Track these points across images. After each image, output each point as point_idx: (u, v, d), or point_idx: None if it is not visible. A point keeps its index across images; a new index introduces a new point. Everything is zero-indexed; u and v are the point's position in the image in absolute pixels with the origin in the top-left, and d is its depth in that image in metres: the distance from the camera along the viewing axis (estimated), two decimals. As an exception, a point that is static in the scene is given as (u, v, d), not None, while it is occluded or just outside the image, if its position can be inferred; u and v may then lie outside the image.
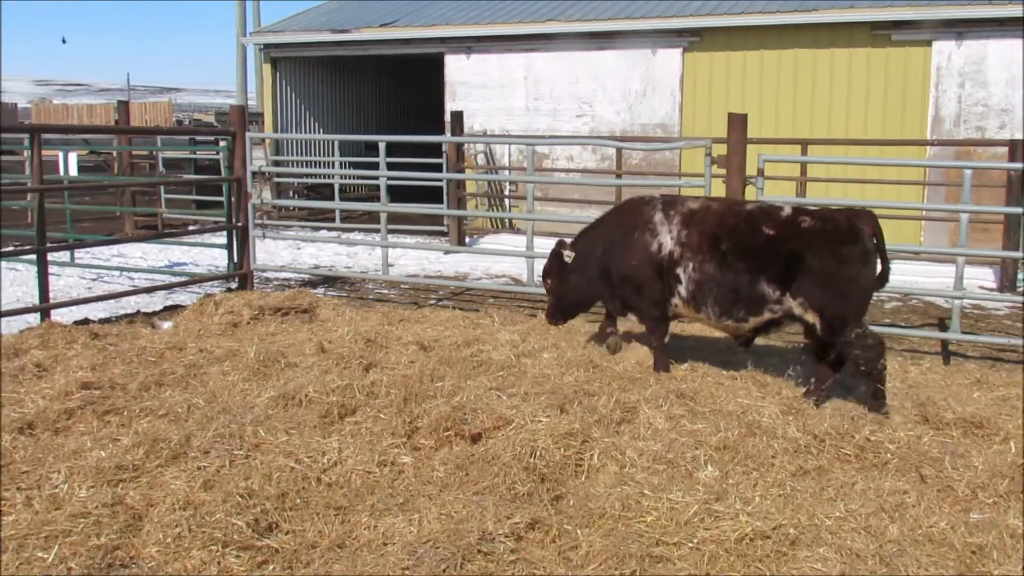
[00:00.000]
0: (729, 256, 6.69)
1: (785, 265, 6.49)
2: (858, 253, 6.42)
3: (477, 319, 9.16)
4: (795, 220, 6.59)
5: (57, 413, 5.93)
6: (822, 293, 6.43)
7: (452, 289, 12.14)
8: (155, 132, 19.43)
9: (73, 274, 12.87)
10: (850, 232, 6.45)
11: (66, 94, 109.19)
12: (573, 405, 6.04)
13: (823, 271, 6.41)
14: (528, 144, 10.60)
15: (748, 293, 6.64)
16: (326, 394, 6.15)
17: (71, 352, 7.66)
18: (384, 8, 21.63)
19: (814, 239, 6.46)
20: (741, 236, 6.69)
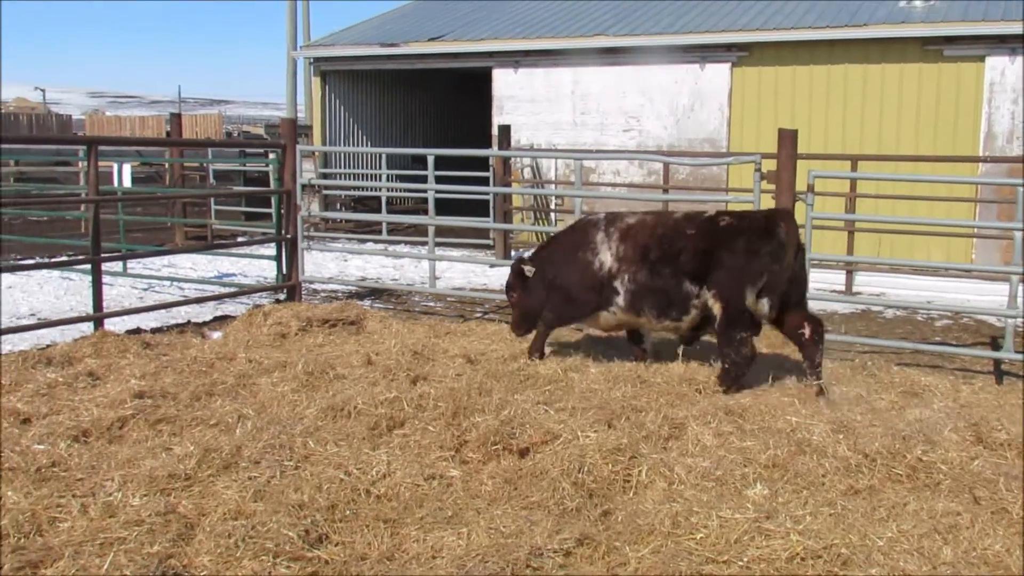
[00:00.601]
0: (658, 263, 7.19)
1: (701, 262, 6.96)
2: (771, 249, 6.83)
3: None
4: (715, 220, 7.10)
5: (111, 421, 6.01)
6: (729, 283, 6.86)
7: (498, 302, 12.13)
8: (206, 144, 19.72)
9: (125, 284, 13.07)
10: (766, 228, 6.88)
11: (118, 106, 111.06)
12: (621, 420, 6.03)
13: (733, 265, 6.84)
14: (576, 158, 10.58)
15: (676, 294, 7.13)
16: (374, 406, 6.18)
17: (124, 361, 7.78)
18: (433, 22, 21.80)
19: (729, 236, 6.91)
20: (668, 242, 7.19)
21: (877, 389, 7.17)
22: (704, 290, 7.00)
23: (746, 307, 6.86)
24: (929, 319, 11.51)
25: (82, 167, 20.01)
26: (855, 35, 16.23)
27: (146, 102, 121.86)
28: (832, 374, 7.57)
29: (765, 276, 6.86)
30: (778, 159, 8.86)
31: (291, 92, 26.06)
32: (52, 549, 4.23)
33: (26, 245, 16.26)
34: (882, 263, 13.61)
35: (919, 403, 6.85)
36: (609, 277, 7.44)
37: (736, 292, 6.87)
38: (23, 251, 16.09)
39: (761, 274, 6.85)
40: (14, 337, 9.15)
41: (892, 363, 8.07)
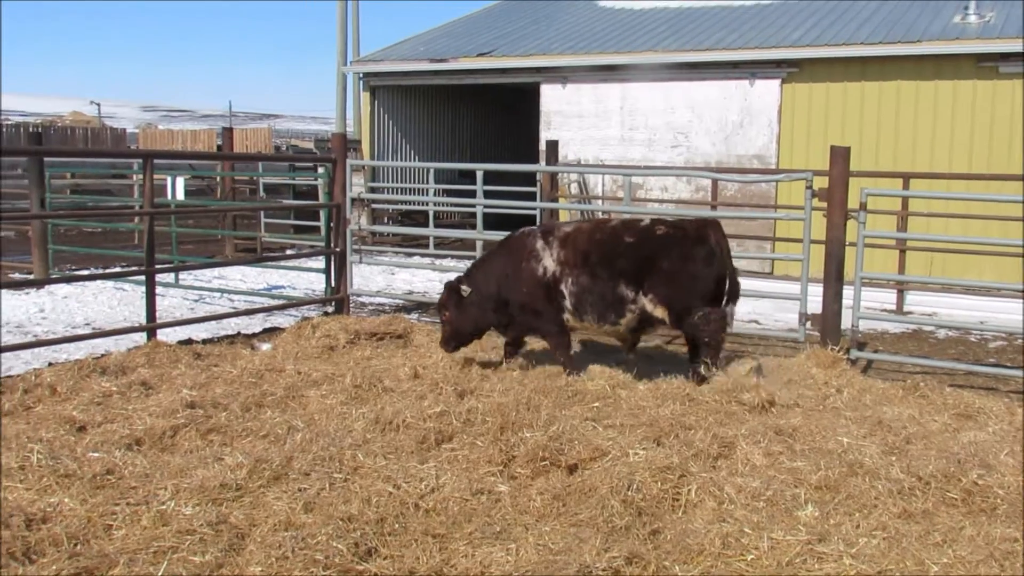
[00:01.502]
0: (597, 267, 7.57)
1: (639, 268, 7.44)
2: (703, 254, 7.41)
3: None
4: (651, 229, 7.58)
5: (163, 431, 6.10)
6: (668, 288, 7.40)
7: (544, 318, 12.11)
8: (257, 158, 19.97)
9: (177, 295, 13.25)
10: (698, 236, 7.45)
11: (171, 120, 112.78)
12: (670, 438, 6.00)
13: (670, 270, 7.39)
14: (625, 174, 10.57)
15: (613, 297, 7.52)
16: (423, 420, 6.20)
17: (176, 371, 7.90)
18: (481, 38, 21.92)
19: (665, 243, 7.44)
20: (605, 248, 7.58)
21: (930, 411, 7.06)
22: (641, 295, 7.49)
23: (687, 306, 7.45)
24: (982, 340, 11.32)
25: (136, 180, 20.36)
26: (908, 51, 16.05)
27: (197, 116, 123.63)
28: (883, 395, 7.47)
29: (699, 279, 7.44)
30: (830, 176, 8.78)
31: (340, 107, 26.26)
32: (107, 556, 4.29)
33: (81, 256, 16.54)
34: (934, 282, 13.39)
35: (973, 426, 6.74)
36: (555, 281, 7.76)
37: (675, 295, 7.43)
38: (78, 262, 16.37)
39: (695, 277, 7.42)
40: (70, 346, 9.31)
41: (945, 384, 7.94)
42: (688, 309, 7.41)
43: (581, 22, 21.94)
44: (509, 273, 7.98)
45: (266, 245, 18.76)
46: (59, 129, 40.08)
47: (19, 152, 20.57)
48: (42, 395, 7.04)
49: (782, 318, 12.27)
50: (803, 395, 7.30)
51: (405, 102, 23.31)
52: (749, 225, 16.44)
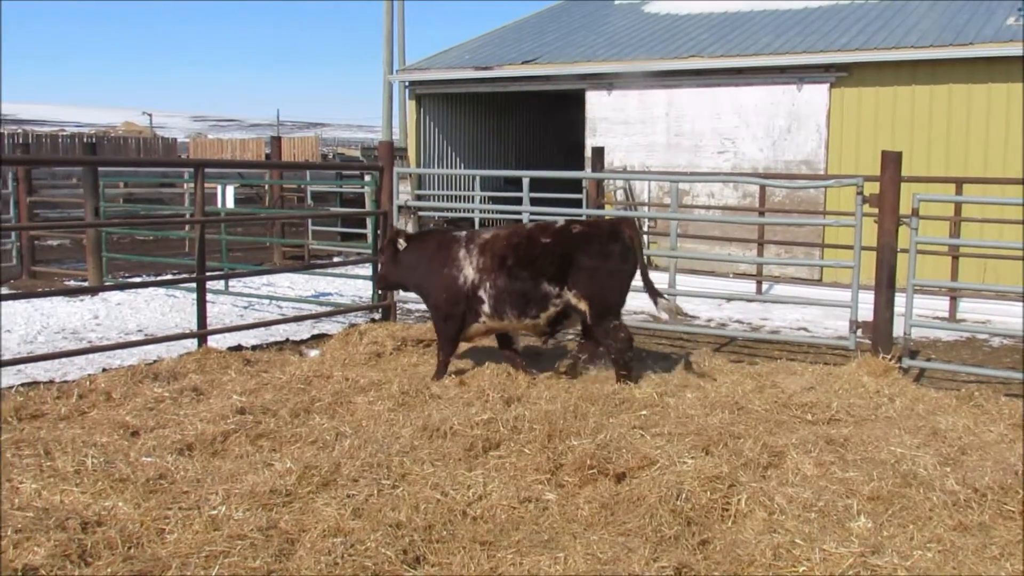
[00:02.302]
0: (515, 269, 7.92)
1: (560, 266, 7.80)
2: (619, 250, 7.79)
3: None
4: (567, 229, 7.98)
5: (214, 436, 6.15)
6: (590, 284, 7.77)
7: (590, 325, 12.08)
8: (306, 167, 20.15)
9: (227, 302, 13.40)
10: (612, 233, 7.84)
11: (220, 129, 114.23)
12: (718, 447, 5.94)
13: (591, 266, 7.76)
14: (672, 180, 10.52)
15: (534, 294, 7.89)
16: (470, 427, 6.20)
17: (226, 377, 7.97)
18: (526, 45, 21.95)
19: (582, 241, 7.82)
20: (524, 251, 7.95)
21: (985, 421, 6.92)
22: (565, 290, 7.85)
23: (609, 301, 7.82)
24: (1038, 348, 11.10)
25: (187, 189, 20.63)
26: (960, 54, 15.80)
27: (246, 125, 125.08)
28: (937, 404, 7.34)
29: (617, 274, 7.81)
30: (881, 182, 8.66)
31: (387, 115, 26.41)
32: (160, 559, 4.34)
33: (134, 263, 16.81)
34: (988, 289, 13.17)
35: (1031, 436, 6.59)
36: (474, 288, 8.11)
37: (598, 289, 7.78)
38: (131, 269, 16.63)
39: (613, 272, 7.78)
40: (123, 352, 9.45)
41: (1000, 394, 7.78)
42: (607, 306, 7.81)
43: (627, 28, 21.89)
44: (433, 270, 8.35)
45: (314, 252, 18.93)
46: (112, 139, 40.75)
47: (74, 162, 20.94)
48: (97, 400, 7.14)
49: (831, 326, 12.13)
50: (854, 404, 7.19)
51: (451, 110, 23.41)
52: (797, 231, 16.27)
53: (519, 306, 7.98)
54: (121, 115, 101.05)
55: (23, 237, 15.55)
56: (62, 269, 16.44)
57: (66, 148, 35.16)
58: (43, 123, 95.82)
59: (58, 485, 5.20)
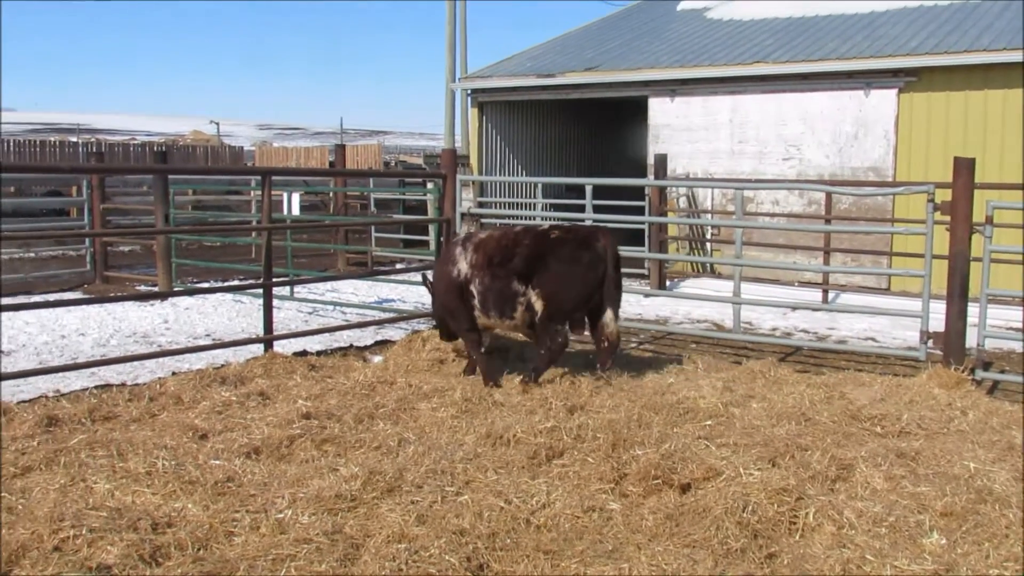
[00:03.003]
0: (497, 267, 8.17)
1: (530, 266, 8.03)
2: (588, 258, 7.97)
3: (679, 365, 9.07)
4: (547, 233, 8.20)
5: (280, 440, 6.23)
6: (552, 284, 7.96)
7: (653, 333, 12.03)
8: (369, 175, 20.31)
9: (292, 307, 13.56)
10: (584, 241, 8.04)
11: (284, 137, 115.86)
12: (785, 459, 5.85)
13: (557, 269, 7.96)
14: (737, 188, 10.40)
15: (508, 293, 8.11)
16: (533, 435, 6.19)
17: (291, 382, 8.07)
18: (588, 52, 21.90)
19: (556, 245, 8.04)
20: (506, 251, 8.19)
21: (1062, 434, 6.71)
22: (530, 289, 8.03)
23: (563, 304, 7.99)
24: (1117, 360, 10.76)
25: (254, 196, 20.93)
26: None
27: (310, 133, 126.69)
28: (1012, 418, 7.14)
29: (578, 280, 7.95)
30: (953, 189, 8.47)
31: (449, 123, 26.61)
32: (228, 562, 4.39)
33: (202, 269, 17.09)
34: (1063, 299, 12.78)
35: (1111, 451, 6.38)
36: (466, 282, 8.39)
37: (556, 291, 7.96)
38: (199, 274, 16.91)
39: (575, 278, 7.94)
40: (191, 356, 9.60)
41: (1079, 407, 7.54)
42: (560, 308, 7.99)
43: (690, 34, 21.73)
44: (437, 274, 8.85)
45: (377, 259, 19.07)
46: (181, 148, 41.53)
47: (145, 170, 21.39)
48: (167, 403, 7.28)
49: (900, 336, 11.89)
50: (925, 417, 7.03)
51: (513, 117, 23.44)
52: (864, 239, 15.99)
53: (499, 304, 8.22)
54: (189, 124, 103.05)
55: (96, 243, 15.89)
56: (133, 274, 16.78)
57: (137, 156, 35.94)
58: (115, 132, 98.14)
59: (130, 486, 5.30)
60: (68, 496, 5.10)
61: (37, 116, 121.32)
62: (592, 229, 8.33)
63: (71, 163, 30.75)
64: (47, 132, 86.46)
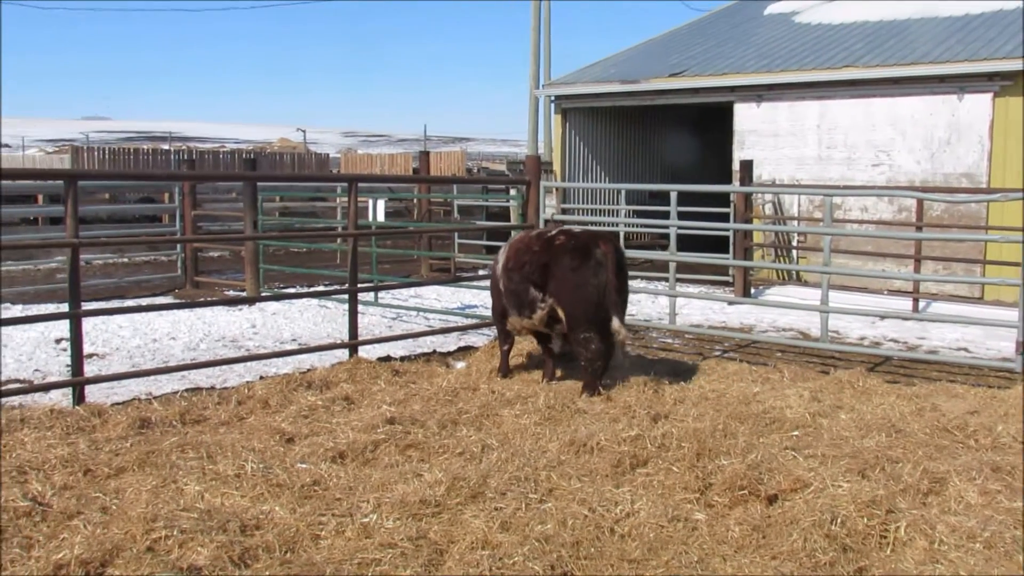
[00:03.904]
0: (512, 272, 8.47)
1: (541, 274, 8.21)
2: (589, 265, 7.99)
3: (765, 373, 8.94)
4: (552, 239, 8.31)
5: (365, 445, 6.29)
6: (562, 293, 8.10)
7: (737, 341, 11.88)
8: (453, 181, 20.52)
9: (376, 313, 13.72)
10: (582, 247, 8.07)
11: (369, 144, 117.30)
12: (875, 471, 5.73)
13: (561, 277, 8.11)
14: (826, 194, 10.23)
15: (525, 297, 8.34)
16: (617, 443, 6.16)
17: (375, 387, 8.18)
18: (672, 58, 21.75)
19: (558, 252, 8.16)
20: (520, 256, 8.45)
21: None
22: (548, 296, 8.21)
23: (579, 311, 8.03)
24: None
25: (339, 203, 21.23)
26: None
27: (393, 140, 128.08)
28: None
29: (582, 287, 7.99)
30: (1052, 196, 8.20)
31: (533, 129, 26.67)
32: (315, 564, 4.46)
33: (288, 275, 17.42)
34: None
35: None
36: (498, 280, 8.77)
37: (569, 299, 8.06)
38: (286, 280, 17.24)
39: (580, 285, 7.99)
40: (278, 361, 9.77)
41: None
42: (577, 316, 8.05)
43: (777, 38, 21.43)
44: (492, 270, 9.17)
45: (460, 265, 19.20)
46: (269, 155, 42.36)
47: (235, 177, 21.88)
48: (254, 407, 7.42)
49: (994, 346, 11.54)
50: (1021, 430, 6.81)
51: (596, 123, 23.39)
52: (957, 247, 15.56)
53: (518, 305, 8.49)
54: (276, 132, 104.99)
55: (187, 249, 16.29)
56: (222, 279, 17.17)
57: (226, 164, 36.74)
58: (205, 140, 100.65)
59: (219, 488, 5.41)
60: (160, 497, 5.24)
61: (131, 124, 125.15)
62: (591, 235, 8.38)
63: (164, 170, 31.61)
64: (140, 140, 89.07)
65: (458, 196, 21.27)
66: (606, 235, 8.49)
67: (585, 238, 8.27)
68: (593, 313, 8.03)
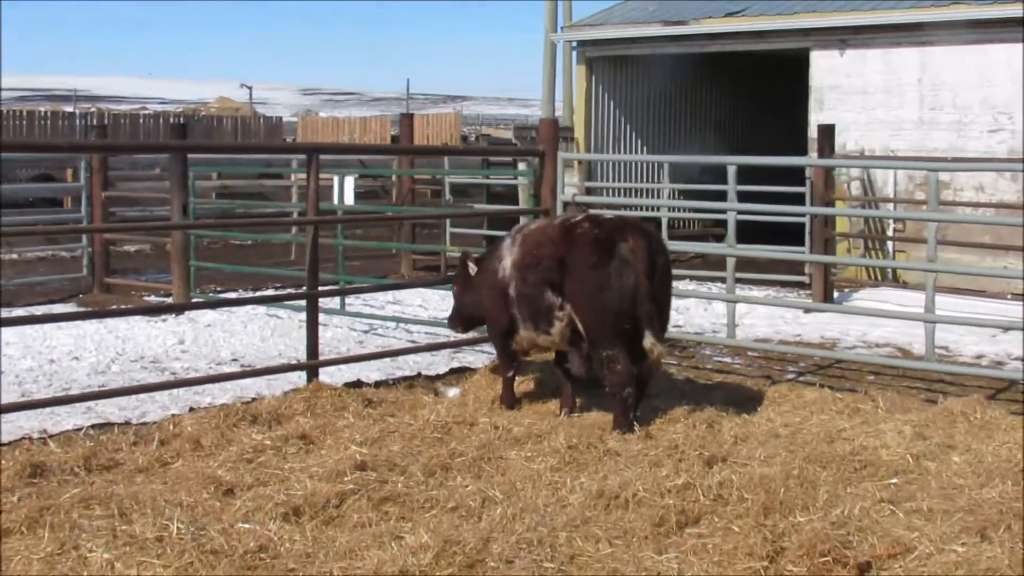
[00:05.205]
0: (526, 270, 8.43)
1: (559, 272, 8.20)
2: (612, 263, 7.97)
3: (854, 402, 8.90)
4: (574, 227, 8.31)
5: (328, 498, 6.25)
6: (580, 299, 8.10)
7: (817, 360, 11.84)
8: (445, 152, 20.53)
9: (343, 324, 13.67)
10: (604, 241, 8.05)
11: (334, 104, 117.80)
12: (999, 531, 5.70)
13: (581, 277, 8.09)
14: (930, 169, 10.16)
15: (540, 303, 8.33)
16: (659, 495, 6.13)
17: (342, 422, 8.16)
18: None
19: (576, 243, 8.16)
20: (535, 250, 8.43)
21: None
22: (566, 301, 8.20)
23: (600, 322, 8.04)
24: None
25: (295, 181, 21.26)
26: None
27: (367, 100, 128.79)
28: None
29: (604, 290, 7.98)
30: None
31: (548, 85, 26.55)
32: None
33: (228, 275, 17.37)
34: None
35: None
36: (507, 285, 8.63)
37: (588, 304, 8.07)
38: (224, 281, 17.22)
39: (602, 289, 7.99)
40: (215, 387, 9.74)
41: None
42: (598, 329, 8.06)
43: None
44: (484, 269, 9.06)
45: (453, 262, 19.16)
46: (204, 119, 42.46)
47: (159, 148, 21.87)
48: (182, 448, 7.38)
49: None
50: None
51: (631, 78, 23.40)
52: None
53: (532, 315, 8.46)
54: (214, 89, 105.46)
55: (96, 241, 16.14)
56: (141, 281, 17.15)
57: (148, 131, 36.85)
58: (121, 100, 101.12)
59: (135, 556, 5.33)
60: (56, 569, 5.18)
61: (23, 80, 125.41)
62: (620, 224, 8.35)
63: (67, 139, 31.64)
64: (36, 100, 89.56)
65: (450, 172, 21.25)
66: (639, 225, 8.47)
67: (611, 227, 8.23)
68: (616, 324, 8.00)
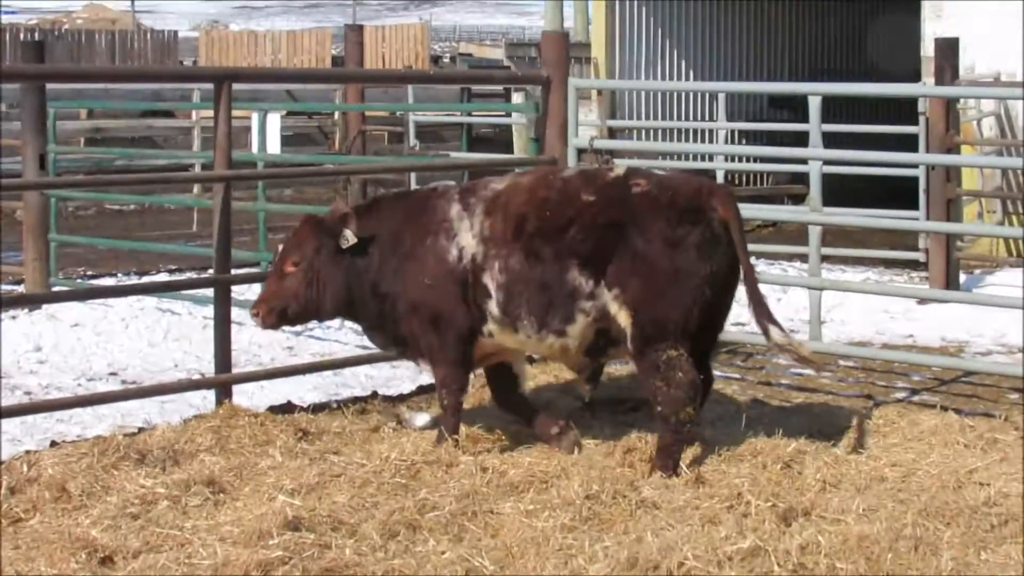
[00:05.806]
0: (535, 241, 8.30)
1: (599, 242, 8.17)
2: (697, 237, 8.05)
3: (990, 431, 8.90)
4: (623, 184, 8.35)
5: (246, 569, 6.22)
6: (641, 282, 8.09)
7: (935, 371, 11.83)
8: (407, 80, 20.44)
9: (265, 323, 13.64)
10: (691, 209, 8.13)
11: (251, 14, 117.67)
12: None
13: (648, 253, 8.09)
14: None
15: (559, 288, 8.26)
16: (716, 564, 6.12)
17: (265, 462, 8.12)
18: None
19: (644, 209, 8.17)
20: (552, 210, 8.35)
21: None
22: (603, 287, 8.16)
23: (669, 315, 8.06)
24: None
25: (198, 120, 21.23)
26: None
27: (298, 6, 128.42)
28: None
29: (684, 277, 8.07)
30: None
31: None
32: None
33: (102, 252, 17.32)
34: None
35: None
36: (475, 270, 8.50)
37: (651, 293, 8.08)
38: (98, 263, 17.16)
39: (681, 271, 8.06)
40: (85, 413, 9.70)
41: None
42: (662, 322, 8.06)
43: None
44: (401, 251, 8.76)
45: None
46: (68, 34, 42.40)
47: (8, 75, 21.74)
48: (40, 498, 7.33)
49: None
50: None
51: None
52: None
53: (539, 308, 8.32)
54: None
55: (-81, 207, 16.14)
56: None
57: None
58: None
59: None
60: None
61: None
62: (702, 186, 8.47)
63: None
64: None
65: (415, 107, 21.23)
66: (717, 186, 8.54)
67: (689, 190, 8.32)
68: (688, 320, 8.08)
